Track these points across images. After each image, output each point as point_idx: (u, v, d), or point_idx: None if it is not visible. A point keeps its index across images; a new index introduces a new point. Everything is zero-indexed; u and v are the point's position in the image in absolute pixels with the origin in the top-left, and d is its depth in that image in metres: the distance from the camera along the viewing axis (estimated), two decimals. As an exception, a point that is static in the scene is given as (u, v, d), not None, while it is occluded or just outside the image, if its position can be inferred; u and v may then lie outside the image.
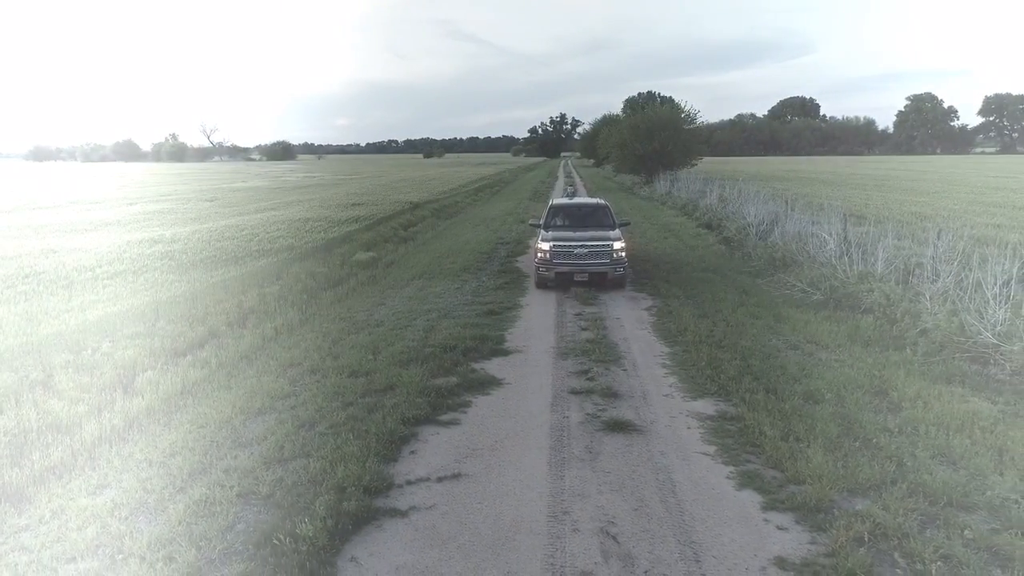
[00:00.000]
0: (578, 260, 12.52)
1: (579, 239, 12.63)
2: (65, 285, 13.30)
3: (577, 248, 12.53)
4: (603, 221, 13.91)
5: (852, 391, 7.26)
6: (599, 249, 12.53)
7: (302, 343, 9.93)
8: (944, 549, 4.41)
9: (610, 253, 12.53)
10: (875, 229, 13.81)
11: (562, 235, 12.86)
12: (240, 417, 7.08)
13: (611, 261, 12.54)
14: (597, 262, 12.51)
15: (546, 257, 12.64)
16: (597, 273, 12.53)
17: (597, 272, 12.52)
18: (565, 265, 12.53)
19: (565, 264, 12.54)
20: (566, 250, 12.54)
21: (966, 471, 5.51)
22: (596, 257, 12.51)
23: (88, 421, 7.22)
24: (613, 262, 12.56)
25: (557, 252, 12.56)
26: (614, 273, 12.61)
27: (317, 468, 5.70)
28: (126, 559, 4.59)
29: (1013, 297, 8.53)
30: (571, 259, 12.52)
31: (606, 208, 14.62)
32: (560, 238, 12.71)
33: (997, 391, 7.30)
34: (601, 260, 12.52)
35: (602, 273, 12.55)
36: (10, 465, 6.23)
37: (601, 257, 12.52)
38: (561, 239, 12.67)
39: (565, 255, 12.53)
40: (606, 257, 12.52)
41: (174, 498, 5.42)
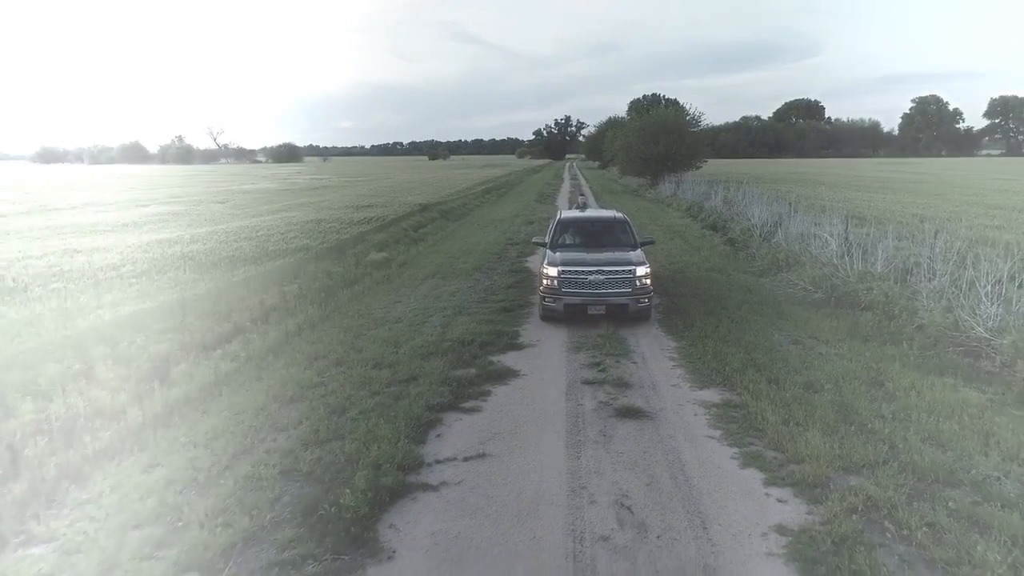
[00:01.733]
0: (593, 289, 10.32)
1: (594, 263, 10.46)
2: (93, 283, 13.82)
3: (592, 275, 10.31)
4: (622, 239, 11.74)
5: (850, 382, 7.71)
6: (619, 276, 10.33)
7: (325, 338, 10.42)
8: (929, 518, 4.85)
9: (632, 281, 10.30)
10: (875, 230, 14.26)
11: (573, 257, 10.74)
12: (274, 405, 7.56)
13: (633, 291, 10.29)
14: (616, 291, 10.30)
15: (553, 285, 10.43)
16: (616, 305, 10.36)
17: (616, 304, 10.35)
18: (577, 295, 10.36)
19: (577, 294, 10.37)
20: (578, 277, 10.35)
21: (953, 452, 5.95)
22: (615, 285, 10.30)
23: (131, 408, 7.70)
24: (636, 292, 10.30)
25: (567, 279, 10.37)
26: (636, 305, 10.35)
27: (352, 449, 6.17)
28: (187, 526, 5.07)
29: (1005, 294, 8.95)
30: (584, 288, 10.33)
31: (625, 223, 12.27)
32: (570, 261, 10.55)
33: (987, 381, 7.74)
34: (621, 290, 10.30)
35: (622, 305, 10.34)
36: (65, 447, 6.71)
37: (621, 286, 10.30)
38: (572, 263, 10.51)
39: (577, 283, 10.36)
40: (627, 286, 10.29)
41: (222, 475, 5.89)
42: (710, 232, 21.85)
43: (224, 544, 4.78)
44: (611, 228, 12.21)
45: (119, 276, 14.59)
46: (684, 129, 42.57)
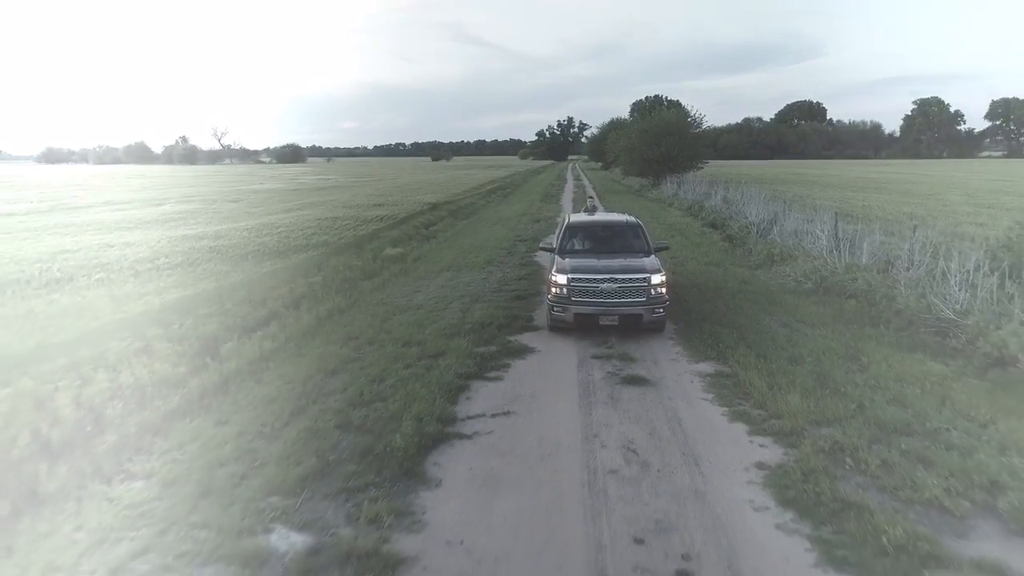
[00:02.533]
0: (605, 299, 9.77)
1: (606, 271, 9.90)
2: (133, 274, 14.84)
3: (604, 283, 9.75)
4: (634, 245, 11.24)
5: (829, 356, 8.68)
6: (633, 285, 9.75)
7: (355, 322, 11.41)
8: (884, 457, 5.83)
9: (646, 290, 9.72)
10: (864, 227, 15.22)
11: (583, 264, 10.18)
12: (319, 375, 8.54)
13: (648, 300, 9.71)
14: (630, 301, 9.73)
15: (562, 293, 9.86)
16: (629, 316, 9.78)
17: (629, 315, 9.77)
18: (587, 305, 9.76)
19: (587, 304, 9.77)
20: (589, 286, 9.78)
21: (912, 411, 6.91)
22: (628, 295, 9.75)
23: (191, 378, 8.69)
24: (651, 301, 9.71)
25: (577, 288, 9.79)
26: (651, 316, 9.76)
27: (395, 407, 7.16)
28: (263, 464, 6.05)
29: (971, 281, 9.91)
30: (595, 297, 9.77)
31: (638, 227, 11.73)
32: (581, 269, 9.98)
33: (952, 356, 8.71)
34: (635, 299, 9.73)
35: (636, 316, 9.76)
36: (140, 409, 7.70)
37: (635, 295, 9.73)
38: (582, 270, 9.94)
39: (587, 292, 9.79)
40: (641, 295, 9.72)
41: (285, 428, 6.88)
42: (710, 230, 22.81)
43: (298, 476, 5.76)
44: (623, 233, 11.63)
45: (155, 268, 15.62)
46: (686, 131, 43.55)
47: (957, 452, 5.90)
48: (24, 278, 14.15)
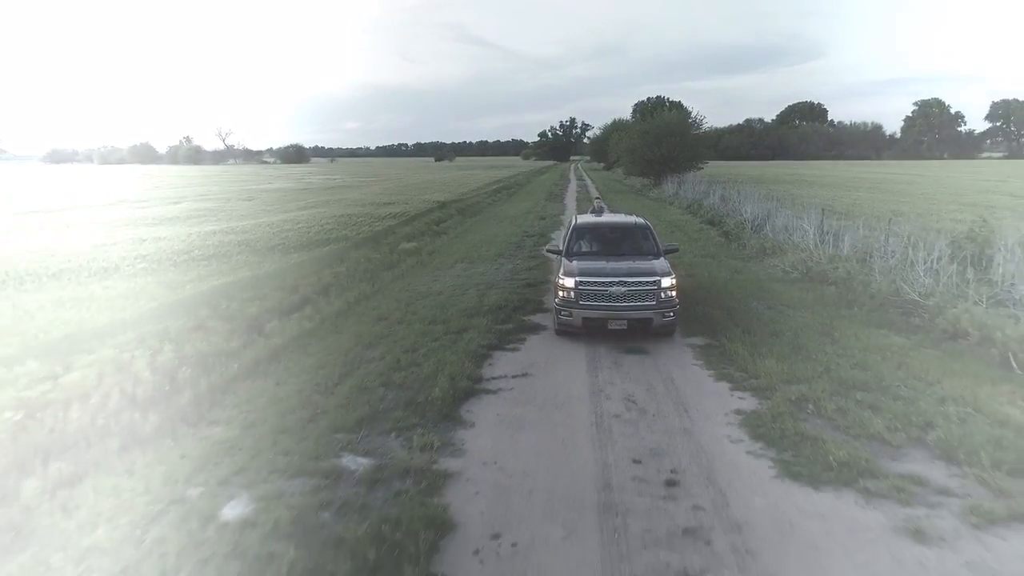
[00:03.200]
0: (614, 303, 9.52)
1: (615, 273, 9.69)
2: (172, 264, 16.08)
3: (613, 286, 9.52)
4: (643, 247, 10.99)
5: (806, 331, 9.88)
6: (642, 288, 9.52)
7: (382, 305, 12.62)
8: (840, 405, 7.03)
9: (656, 293, 9.50)
10: (849, 223, 16.40)
11: (591, 266, 9.97)
12: (358, 348, 9.75)
13: (658, 303, 9.49)
14: (640, 305, 9.50)
15: (569, 297, 9.65)
16: (639, 320, 9.55)
17: (639, 319, 9.54)
18: (596, 309, 9.54)
19: (596, 308, 9.54)
20: (597, 289, 9.56)
21: (872, 373, 8.10)
22: (638, 298, 9.52)
23: (244, 351, 9.90)
24: (661, 305, 9.50)
25: (585, 291, 9.57)
26: (661, 320, 9.54)
27: (429, 370, 8.37)
28: (324, 412, 7.25)
29: (935, 268, 11.10)
30: (604, 301, 9.55)
31: (647, 229, 11.49)
32: (589, 271, 9.76)
33: (913, 331, 9.91)
34: (645, 303, 9.50)
35: (646, 319, 9.54)
36: (206, 374, 8.90)
37: (645, 298, 9.51)
38: (590, 273, 9.73)
39: (596, 295, 9.57)
40: (651, 298, 9.50)
41: (337, 387, 8.08)
42: (707, 226, 24.01)
43: (355, 419, 6.97)
44: (631, 234, 11.41)
45: (191, 259, 16.85)
46: (686, 132, 44.75)
47: (903, 402, 7.09)
48: (73, 268, 15.40)
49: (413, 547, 4.62)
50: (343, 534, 4.81)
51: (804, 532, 4.86)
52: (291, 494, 5.45)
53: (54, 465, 6.21)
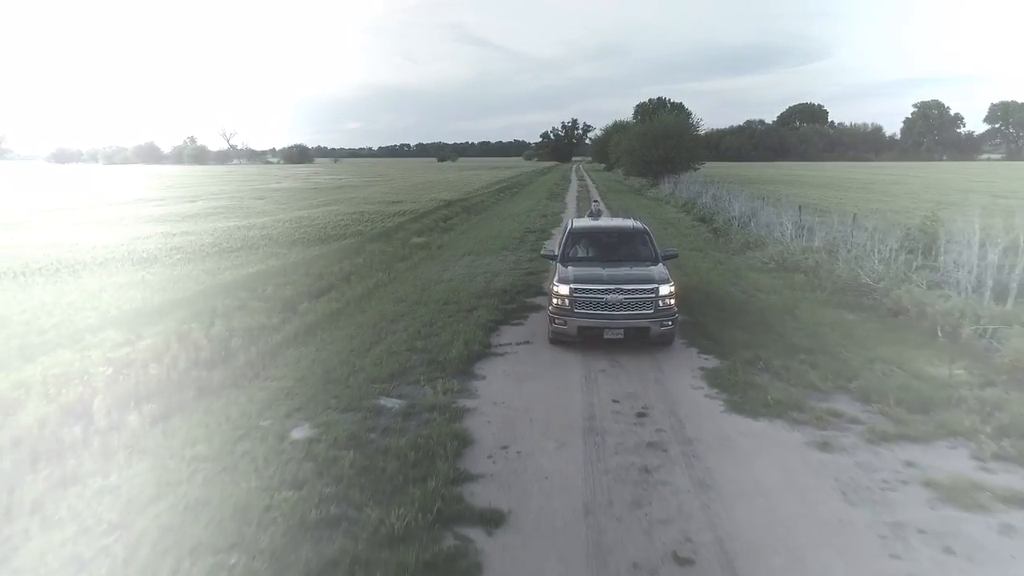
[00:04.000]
0: (610, 311, 9.27)
1: (611, 280, 9.43)
2: (203, 256, 17.63)
3: (609, 294, 9.25)
4: (641, 252, 10.72)
5: (771, 310, 11.40)
6: (639, 296, 9.23)
7: (400, 290, 14.15)
8: (786, 363, 8.54)
9: (654, 301, 9.20)
10: (825, 219, 17.90)
11: (587, 274, 9.69)
12: (383, 323, 11.26)
13: (656, 312, 9.20)
14: (637, 313, 9.22)
15: (564, 305, 9.36)
16: (636, 329, 9.25)
17: (636, 328, 9.24)
18: (591, 318, 9.27)
19: (591, 316, 9.27)
20: (593, 297, 9.28)
21: (819, 341, 9.61)
22: (635, 307, 9.23)
23: (284, 325, 11.43)
24: (659, 313, 9.21)
25: (580, 299, 9.30)
26: (659, 329, 9.23)
27: (446, 338, 9.90)
28: (361, 368, 8.77)
29: (889, 258, 12.61)
30: (600, 309, 9.28)
31: (644, 234, 11.18)
32: (584, 279, 9.49)
33: (863, 310, 11.42)
34: (642, 311, 9.21)
35: (643, 329, 9.23)
36: (254, 343, 10.42)
37: (642, 307, 9.21)
38: (585, 280, 9.45)
39: (591, 303, 9.29)
40: (649, 307, 9.20)
41: (369, 351, 9.60)
42: (698, 223, 25.54)
43: (388, 374, 8.49)
44: (629, 239, 11.14)
45: (222, 251, 18.41)
46: (683, 134, 46.28)
47: (839, 361, 8.61)
48: (117, 258, 16.97)
49: (442, 452, 6.14)
50: (388, 444, 6.35)
51: (739, 445, 6.39)
52: (343, 423, 6.96)
53: (146, 406, 7.73)
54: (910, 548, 4.72)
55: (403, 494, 5.41)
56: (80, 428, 7.07)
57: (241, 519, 5.12)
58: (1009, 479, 5.69)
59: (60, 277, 14.80)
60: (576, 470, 5.94)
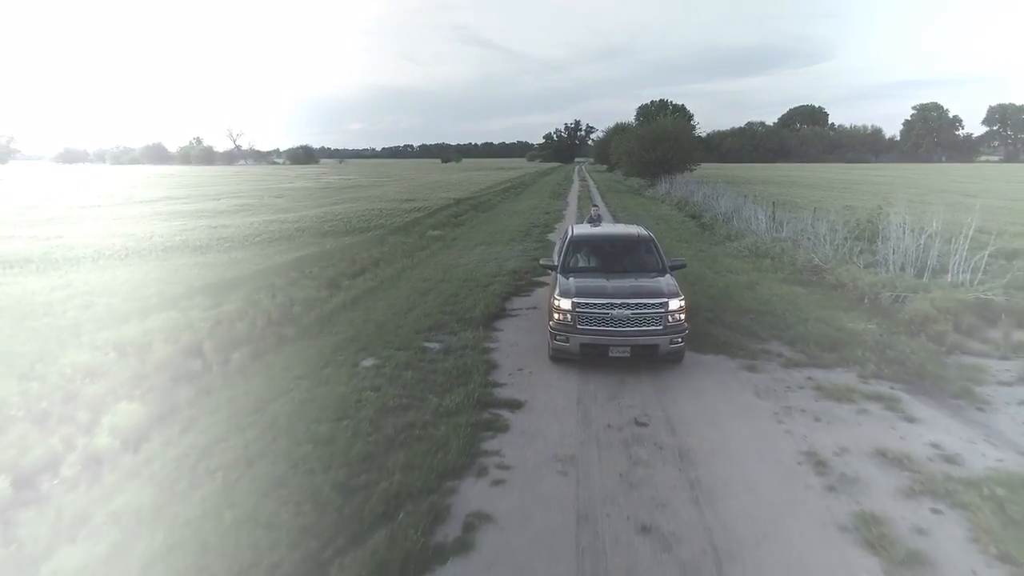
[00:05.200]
0: (616, 327, 8.60)
1: (616, 294, 8.77)
2: (249, 244, 20.05)
3: (615, 309, 8.61)
4: (647, 262, 10.21)
5: (736, 286, 13.79)
6: (648, 311, 8.60)
7: (424, 272, 16.55)
8: (737, 320, 10.93)
9: (663, 316, 8.58)
10: (797, 214, 20.27)
11: (590, 286, 9.00)
12: (415, 295, 13.67)
13: (665, 328, 8.57)
14: (644, 330, 8.57)
15: (566, 320, 8.73)
16: (644, 347, 8.58)
17: (644, 345, 8.57)
18: (595, 334, 8.60)
19: (595, 332, 8.60)
20: (597, 312, 8.63)
21: (768, 306, 11.98)
22: (642, 322, 8.59)
23: (332, 298, 13.81)
24: (668, 329, 8.58)
25: (584, 315, 8.64)
26: (669, 347, 8.60)
27: (469, 304, 12.30)
28: (404, 325, 11.17)
29: (836, 243, 14.98)
30: (605, 325, 8.61)
31: (650, 242, 10.65)
32: (587, 292, 8.83)
33: (811, 285, 13.81)
34: (651, 327, 8.57)
35: (651, 346, 8.58)
36: (311, 310, 12.81)
37: (650, 323, 8.58)
38: (589, 293, 8.80)
39: (596, 319, 8.63)
40: (657, 323, 8.58)
41: (408, 313, 12.00)
42: (689, 219, 27.93)
43: (427, 327, 10.89)
44: (634, 248, 10.58)
45: (261, 241, 20.83)
46: (680, 136, 48.69)
47: (780, 319, 11.00)
48: (174, 246, 19.40)
49: (476, 371, 8.55)
50: (436, 367, 8.76)
51: (690, 368, 8.80)
52: (399, 356, 9.35)
53: (243, 349, 10.12)
54: (791, 418, 7.12)
55: (451, 392, 7.82)
56: (199, 362, 9.47)
57: (341, 407, 7.52)
58: (878, 387, 8.07)
59: (132, 261, 17.22)
60: (571, 382, 8.35)
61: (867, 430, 6.84)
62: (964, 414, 7.31)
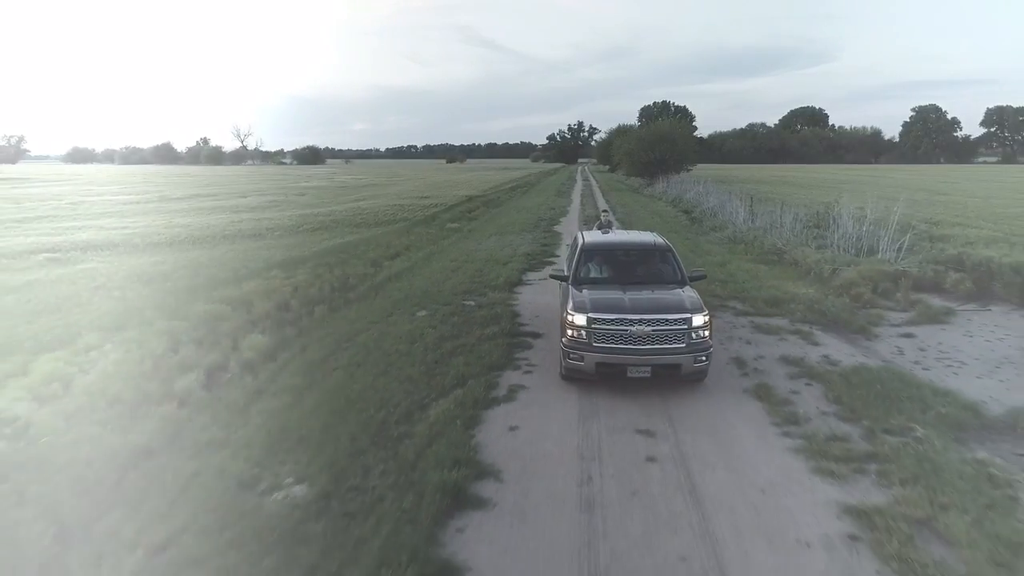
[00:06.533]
0: (635, 345, 7.86)
1: (634, 308, 8.07)
2: (297, 233, 23.06)
3: (635, 325, 7.88)
4: (664, 273, 9.69)
5: (709, 264, 16.73)
6: (670, 327, 7.89)
7: (450, 254, 19.55)
8: (705, 287, 13.87)
9: (687, 333, 7.91)
10: (776, 208, 23.26)
11: (606, 300, 8.32)
12: (446, 271, 16.64)
13: (689, 346, 7.89)
14: (666, 348, 7.85)
15: (580, 337, 8.05)
16: (665, 366, 7.88)
17: (666, 365, 7.87)
18: (613, 352, 7.88)
19: (613, 351, 7.89)
20: (615, 328, 7.90)
21: (733, 277, 14.94)
22: (664, 340, 7.86)
23: (377, 274, 16.79)
24: (692, 347, 7.90)
25: (600, 331, 7.93)
26: (692, 366, 7.92)
27: (492, 276, 15.31)
28: (442, 290, 14.17)
29: (798, 231, 17.95)
30: (623, 343, 7.89)
31: (668, 251, 10.09)
32: (603, 306, 8.13)
33: (772, 263, 16.78)
34: (672, 345, 7.86)
35: (673, 366, 7.89)
36: (362, 283, 15.80)
37: (672, 340, 7.87)
38: (605, 308, 8.10)
39: (613, 336, 7.90)
40: (680, 339, 7.89)
41: (444, 282, 14.97)
42: (681, 214, 30.93)
43: (462, 291, 13.89)
44: (649, 257, 10.05)
45: (305, 230, 23.84)
46: (677, 139, 51.70)
47: (739, 286, 13.98)
48: (231, 235, 22.43)
49: (504, 317, 11.56)
50: (474, 316, 11.75)
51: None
52: (445, 310, 12.31)
53: (320, 307, 13.10)
54: (731, 343, 10.12)
55: (487, 328, 10.81)
56: (290, 314, 12.47)
57: (410, 336, 10.49)
58: (800, 327, 11.02)
59: (203, 245, 20.26)
60: (576, 324, 11.33)
61: (781, 348, 9.83)
62: (856, 342, 10.29)
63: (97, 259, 17.55)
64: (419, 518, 5.19)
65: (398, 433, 6.81)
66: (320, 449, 6.42)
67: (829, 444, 6.50)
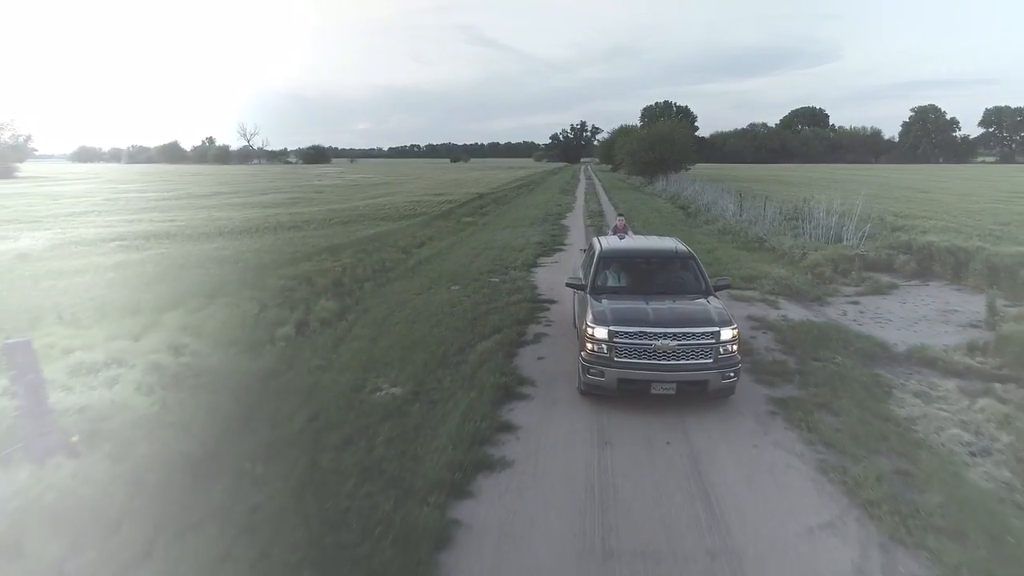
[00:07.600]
0: (659, 360, 7.39)
1: (660, 321, 7.56)
2: (330, 225, 25.53)
3: (660, 339, 7.38)
4: (687, 282, 9.13)
5: (698, 250, 19.04)
6: (696, 341, 7.38)
7: (469, 244, 22.03)
8: (694, 267, 16.39)
9: (714, 348, 7.38)
10: (759, 204, 25.71)
11: (628, 312, 7.80)
12: (469, 256, 19.12)
13: (716, 362, 7.38)
14: (692, 363, 7.36)
15: (600, 351, 7.57)
16: (692, 383, 7.39)
17: (692, 381, 7.38)
18: (635, 368, 7.41)
19: (636, 366, 7.41)
20: (638, 343, 7.41)
21: (718, 261, 17.39)
22: (690, 355, 7.36)
23: (408, 259, 19.27)
24: (720, 363, 7.40)
25: (622, 345, 7.44)
26: (720, 382, 7.43)
27: (511, 259, 17.80)
28: (471, 270, 16.66)
29: (778, 223, 20.41)
30: (646, 357, 7.39)
31: (691, 258, 9.60)
32: (625, 318, 7.63)
33: (753, 250, 19.25)
34: (699, 360, 7.36)
35: (700, 383, 7.39)
36: (397, 266, 18.27)
37: (699, 355, 7.36)
38: (627, 320, 7.60)
39: (636, 350, 7.41)
40: (707, 355, 7.37)
41: (470, 264, 17.47)
42: (678, 210, 33.39)
43: (487, 271, 16.35)
44: (671, 265, 9.56)
45: (336, 223, 26.33)
46: (677, 138, 54.14)
47: (722, 267, 16.43)
48: (271, 226, 24.92)
49: (525, 288, 14.06)
50: (500, 288, 14.23)
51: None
52: (475, 284, 14.77)
53: (367, 283, 15.57)
54: (709, 306, 12.57)
55: (511, 296, 13.31)
56: (344, 288, 14.93)
57: (450, 303, 12.96)
58: (767, 297, 13.50)
59: (250, 236, 22.74)
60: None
61: (749, 311, 12.32)
62: (811, 307, 12.77)
63: (163, 247, 20.05)
64: (483, 401, 7.69)
65: (457, 360, 9.32)
66: (402, 368, 8.92)
67: (770, 365, 8.99)
